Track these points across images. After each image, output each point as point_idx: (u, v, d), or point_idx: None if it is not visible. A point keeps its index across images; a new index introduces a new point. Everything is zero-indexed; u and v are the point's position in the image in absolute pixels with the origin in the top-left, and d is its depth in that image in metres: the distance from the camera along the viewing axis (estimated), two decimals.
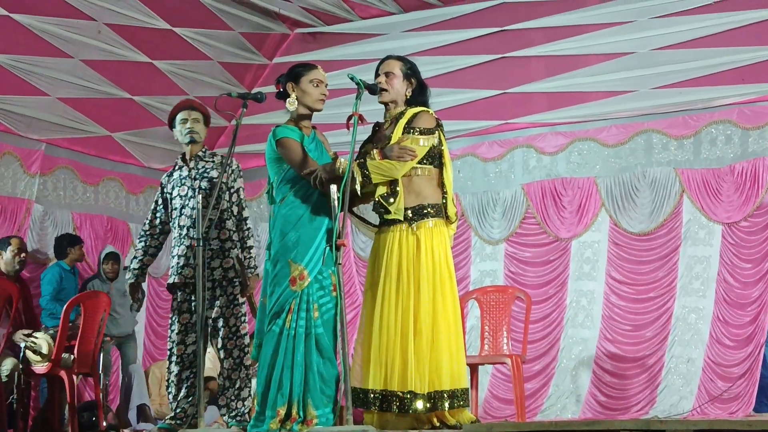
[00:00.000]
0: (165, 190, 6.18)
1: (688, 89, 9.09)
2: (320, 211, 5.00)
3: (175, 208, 6.08)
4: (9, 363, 7.26)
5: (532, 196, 9.67)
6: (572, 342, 9.34)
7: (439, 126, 5.13)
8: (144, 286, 8.50)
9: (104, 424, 7.95)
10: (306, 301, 4.95)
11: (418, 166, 5.04)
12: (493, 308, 7.82)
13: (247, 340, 6.01)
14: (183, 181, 6.10)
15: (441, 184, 5.14)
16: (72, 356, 7.44)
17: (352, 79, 5.07)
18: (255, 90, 9.64)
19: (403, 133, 5.01)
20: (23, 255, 7.98)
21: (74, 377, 7.43)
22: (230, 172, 6.11)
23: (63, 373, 7.32)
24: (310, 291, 4.96)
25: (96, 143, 10.10)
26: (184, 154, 6.23)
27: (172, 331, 6.04)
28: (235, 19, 10.18)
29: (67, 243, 8.96)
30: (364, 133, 5.17)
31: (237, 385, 5.97)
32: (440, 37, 10.14)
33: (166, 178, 6.23)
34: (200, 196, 5.35)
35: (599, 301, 9.31)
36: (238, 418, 5.95)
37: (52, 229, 9.55)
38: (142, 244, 6.21)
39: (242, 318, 6.01)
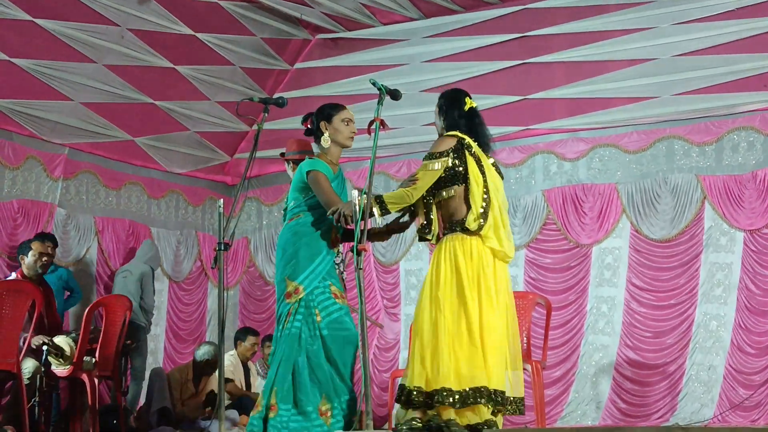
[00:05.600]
0: None
1: (710, 95, 9.04)
2: (322, 237, 5.22)
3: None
4: (31, 365, 7.28)
5: (552, 202, 9.65)
6: (592, 348, 9.31)
7: (459, 146, 5.13)
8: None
9: (125, 427, 7.98)
10: (304, 306, 5.16)
11: (444, 188, 5.12)
12: None
13: None
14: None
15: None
16: (93, 359, 7.48)
17: (374, 84, 5.10)
18: (276, 95, 9.69)
19: (423, 160, 5.15)
20: (45, 259, 7.99)
21: (95, 380, 7.46)
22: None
23: (84, 376, 7.36)
24: (309, 297, 5.17)
25: (118, 148, 10.15)
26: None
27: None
28: (257, 25, 10.22)
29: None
30: (385, 138, 5.20)
31: None
32: (461, 43, 10.13)
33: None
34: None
35: (620, 308, 9.27)
36: None
37: (74, 233, 9.62)
38: None
39: None
